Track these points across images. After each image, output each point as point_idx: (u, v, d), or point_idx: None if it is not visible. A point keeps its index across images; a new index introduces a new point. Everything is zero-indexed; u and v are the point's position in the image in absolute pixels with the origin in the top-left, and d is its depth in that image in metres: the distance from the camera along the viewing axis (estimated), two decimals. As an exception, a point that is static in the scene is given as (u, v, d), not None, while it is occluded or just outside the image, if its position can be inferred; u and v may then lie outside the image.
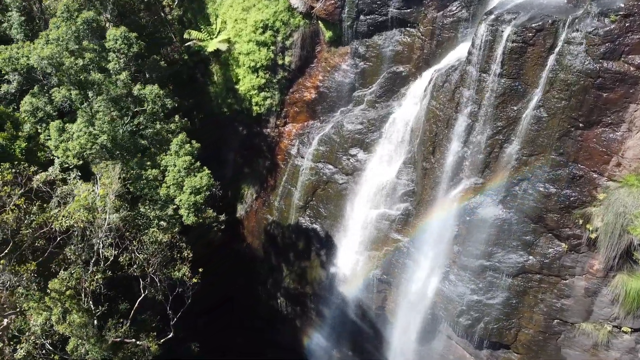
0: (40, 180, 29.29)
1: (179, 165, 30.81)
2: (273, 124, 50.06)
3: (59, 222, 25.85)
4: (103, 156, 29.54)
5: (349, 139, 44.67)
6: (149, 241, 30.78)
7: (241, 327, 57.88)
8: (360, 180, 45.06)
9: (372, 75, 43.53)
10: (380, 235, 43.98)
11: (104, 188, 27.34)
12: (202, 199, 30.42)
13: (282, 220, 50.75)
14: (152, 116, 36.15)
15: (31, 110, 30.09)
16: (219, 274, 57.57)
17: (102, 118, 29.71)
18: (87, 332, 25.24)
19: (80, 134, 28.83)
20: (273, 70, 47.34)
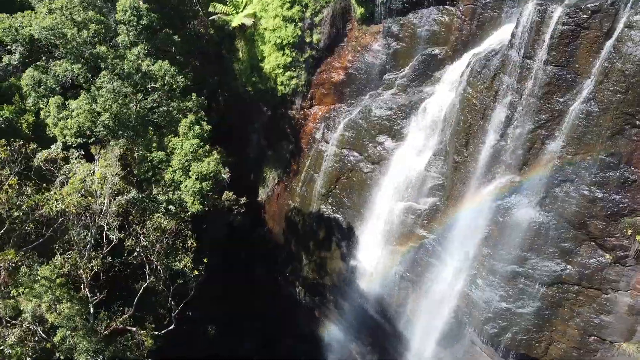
0: (41, 158, 27.74)
1: (186, 148, 28.73)
2: (298, 106, 47.41)
3: (49, 205, 24.28)
4: (105, 136, 27.74)
5: (377, 125, 41.59)
6: (152, 227, 28.99)
7: (260, 312, 56.45)
8: (387, 170, 42.05)
9: (404, 57, 40.09)
10: (404, 230, 41.06)
11: (103, 170, 25.52)
12: (208, 186, 28.30)
13: (303, 207, 48.43)
14: (166, 94, 34.21)
15: (32, 83, 28.49)
16: (239, 257, 56.36)
17: (106, 95, 27.82)
18: (76, 322, 23.74)
19: (80, 111, 27.05)
20: (300, 49, 44.50)
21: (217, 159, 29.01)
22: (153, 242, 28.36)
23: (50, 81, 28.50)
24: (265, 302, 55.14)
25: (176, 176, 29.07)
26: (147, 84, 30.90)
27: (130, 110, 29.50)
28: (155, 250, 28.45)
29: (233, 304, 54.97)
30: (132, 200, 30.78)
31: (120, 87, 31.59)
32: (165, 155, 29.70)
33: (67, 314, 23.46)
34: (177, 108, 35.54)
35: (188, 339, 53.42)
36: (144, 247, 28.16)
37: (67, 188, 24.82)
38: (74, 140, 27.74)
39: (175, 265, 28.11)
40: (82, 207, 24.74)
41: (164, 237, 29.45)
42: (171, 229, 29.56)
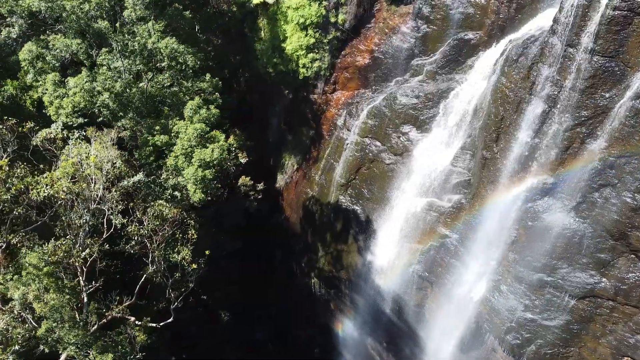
0: (40, 138, 26.37)
1: (190, 133, 26.87)
2: (320, 90, 44.98)
3: (37, 190, 22.88)
4: (106, 117, 26.13)
5: (402, 114, 38.84)
6: (152, 215, 27.41)
7: (274, 301, 55.08)
8: (410, 162, 39.39)
9: (435, 41, 37.04)
10: (425, 228, 38.49)
11: (98, 154, 23.92)
12: (211, 174, 26.43)
13: (321, 196, 46.32)
14: (178, 73, 32.42)
15: (30, 59, 27.04)
16: (257, 243, 54.91)
17: (106, 73, 26.13)
18: (63, 314, 22.44)
19: (76, 90, 25.44)
20: (324, 29, 41.88)
21: (222, 145, 27.02)
22: (152, 231, 26.74)
23: (49, 56, 27.02)
24: (279, 291, 53.74)
25: (179, 162, 27.32)
26: (154, 62, 29.03)
27: (134, 91, 27.75)
28: (155, 240, 26.83)
29: (248, 291, 53.80)
30: (137, 184, 29.33)
31: (129, 65, 29.98)
32: (168, 140, 27.95)
33: (53, 305, 22.16)
34: (190, 89, 33.79)
35: (202, 323, 52.81)
36: (142, 236, 26.60)
37: (57, 172, 23.38)
38: (71, 120, 26.28)
39: (173, 257, 26.48)
40: (74, 192, 23.22)
41: (165, 226, 27.85)
42: (172, 218, 27.87)
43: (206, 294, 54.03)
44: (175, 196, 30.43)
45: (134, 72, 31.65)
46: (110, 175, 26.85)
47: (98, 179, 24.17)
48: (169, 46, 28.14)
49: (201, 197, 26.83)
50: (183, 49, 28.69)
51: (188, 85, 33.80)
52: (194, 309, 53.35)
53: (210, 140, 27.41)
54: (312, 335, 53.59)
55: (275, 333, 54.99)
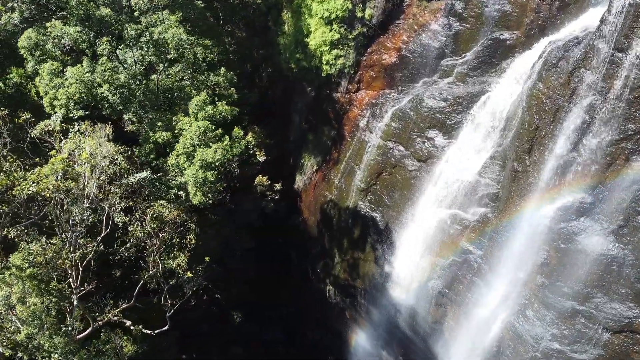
0: (38, 130, 25.03)
1: (192, 131, 25.04)
2: (344, 89, 42.63)
3: (20, 187, 21.46)
4: (105, 111, 24.57)
5: (428, 117, 36.16)
6: (151, 217, 25.76)
7: (285, 303, 53.29)
8: (434, 169, 36.69)
9: (467, 40, 34.20)
10: (448, 241, 35.79)
11: (92, 150, 22.35)
12: (213, 176, 24.54)
13: (340, 200, 44.07)
14: (191, 67, 30.71)
15: (28, 46, 25.70)
16: (272, 244, 53.20)
17: (105, 64, 24.56)
18: (44, 320, 21.02)
19: (72, 81, 23.94)
20: (350, 24, 39.50)
21: (226, 146, 25.07)
22: (149, 234, 25.09)
23: (49, 44, 25.65)
24: (293, 293, 51.91)
25: (180, 161, 25.57)
26: (164, 54, 27.33)
27: (137, 83, 26.10)
28: (152, 243, 25.19)
29: (261, 292, 52.21)
30: (142, 181, 27.78)
31: (141, 56, 28.40)
32: (171, 137, 26.24)
33: (34, 311, 20.72)
34: (205, 83, 32.06)
35: (213, 322, 51.54)
36: (139, 239, 24.98)
37: (45, 168, 21.94)
38: (72, 112, 24.72)
39: (168, 263, 24.74)
40: (62, 191, 21.72)
41: (164, 227, 26.18)
42: (172, 220, 26.16)
43: (220, 293, 52.79)
44: (180, 196, 28.79)
45: (146, 63, 30.14)
46: (109, 172, 25.34)
47: (91, 177, 22.60)
48: (175, 37, 26.33)
49: (201, 200, 25.03)
50: (192, 40, 26.82)
51: (202, 78, 32.06)
52: (207, 308, 52.37)
53: (214, 139, 25.49)
54: (324, 340, 51.62)
55: (287, 335, 53.31)
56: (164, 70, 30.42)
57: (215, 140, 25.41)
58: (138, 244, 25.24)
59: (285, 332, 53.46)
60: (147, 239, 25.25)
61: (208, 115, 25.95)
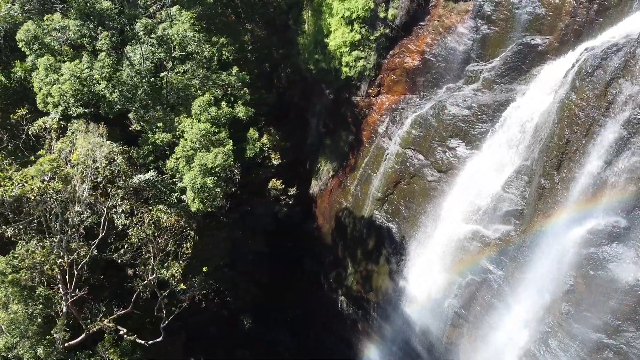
0: (36, 127, 23.97)
1: (193, 134, 23.56)
2: (364, 92, 40.74)
3: (4, 188, 20.30)
4: (103, 109, 23.30)
5: (450, 125, 33.98)
6: (148, 222, 24.41)
7: (301, 308, 51.68)
8: (455, 181, 34.48)
9: (495, 44, 31.93)
10: (466, 259, 33.52)
11: (82, 151, 21.10)
12: (213, 183, 23.01)
13: (355, 209, 42.17)
14: (201, 65, 29.36)
15: (26, 39, 24.64)
16: (285, 250, 51.70)
17: (104, 60, 23.30)
18: (24, 329, 19.82)
19: (66, 77, 22.73)
20: (371, 25, 37.59)
21: (226, 151, 23.47)
22: (144, 240, 23.73)
23: (48, 38, 24.56)
24: (300, 296, 50.22)
25: (180, 165, 24.14)
26: (168, 51, 25.97)
27: (138, 80, 24.75)
28: (146, 250, 23.82)
29: (272, 297, 50.79)
30: (144, 183, 26.50)
31: (151, 53, 27.17)
32: (171, 138, 24.85)
33: (13, 319, 19.54)
34: (215, 82, 30.70)
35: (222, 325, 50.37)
36: (133, 245, 23.66)
37: (32, 169, 20.77)
38: (54, 110, 23.52)
39: (161, 273, 23.31)
40: (48, 193, 20.51)
41: (162, 233, 24.78)
42: (170, 226, 24.74)
43: (230, 296, 51.56)
44: (182, 200, 27.37)
45: (156, 60, 28.92)
46: (106, 174, 24.09)
47: (84, 178, 21.35)
48: (179, 33, 24.92)
49: (200, 208, 23.55)
50: (199, 37, 25.35)
51: (213, 77, 30.68)
52: (217, 311, 51.20)
53: (216, 143, 23.96)
54: (327, 342, 49.90)
55: (292, 337, 51.82)
56: (172, 68, 29.06)
57: (217, 144, 23.88)
58: (133, 250, 23.88)
59: (291, 334, 52.00)
60: (142, 245, 23.87)
61: (211, 117, 24.46)
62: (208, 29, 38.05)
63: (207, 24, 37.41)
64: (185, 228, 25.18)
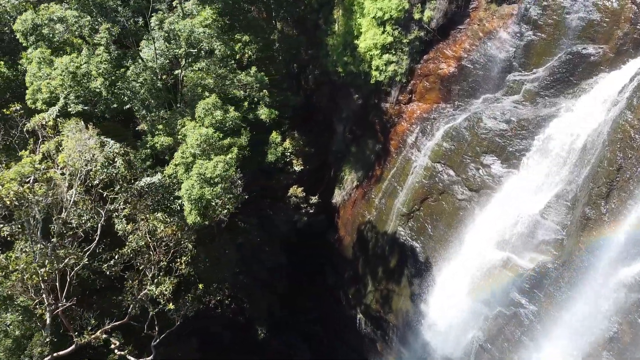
0: (33, 123, 22.44)
1: (192, 139, 21.47)
2: (394, 99, 37.93)
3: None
4: (98, 107, 21.56)
5: (485, 140, 30.86)
6: (143, 231, 22.50)
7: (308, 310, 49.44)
8: (488, 202, 31.32)
9: (541, 53, 28.63)
10: (496, 288, 30.32)
11: (69, 152, 19.31)
12: (211, 194, 20.85)
13: (379, 223, 39.41)
14: (217, 64, 27.41)
15: (23, 30, 23.08)
16: (304, 259, 49.49)
17: (102, 55, 21.52)
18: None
19: (58, 72, 21.01)
20: (405, 27, 34.76)
21: (229, 160, 21.26)
22: (137, 251, 21.83)
23: (46, 29, 22.95)
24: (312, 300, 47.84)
25: (178, 173, 22.12)
26: (173, 47, 24.03)
27: (151, 79, 22.92)
28: (140, 262, 21.91)
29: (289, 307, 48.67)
30: (148, 187, 24.69)
31: (166, 49, 25.39)
32: (172, 142, 22.87)
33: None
34: (233, 82, 28.71)
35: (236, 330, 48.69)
36: (124, 255, 21.80)
37: (10, 171, 19.13)
38: (44, 107, 21.86)
39: (150, 289, 21.31)
40: (27, 198, 18.81)
41: (159, 244, 22.83)
42: (167, 237, 22.77)
43: (248, 302, 49.76)
44: (186, 208, 25.33)
45: (170, 56, 27.12)
46: (102, 177, 22.32)
47: (66, 182, 19.59)
48: (186, 28, 22.90)
49: (196, 220, 21.47)
50: (209, 33, 23.25)
51: (231, 77, 28.70)
52: (233, 317, 49.49)
53: (217, 150, 21.78)
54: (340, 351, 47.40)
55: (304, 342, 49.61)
56: (186, 65, 27.16)
57: (220, 151, 21.72)
58: (124, 261, 22.03)
59: (303, 339, 49.80)
60: (135, 256, 21.98)
61: (216, 121, 22.34)
62: (231, 26, 36.17)
63: (231, 20, 35.51)
64: (183, 240, 23.12)
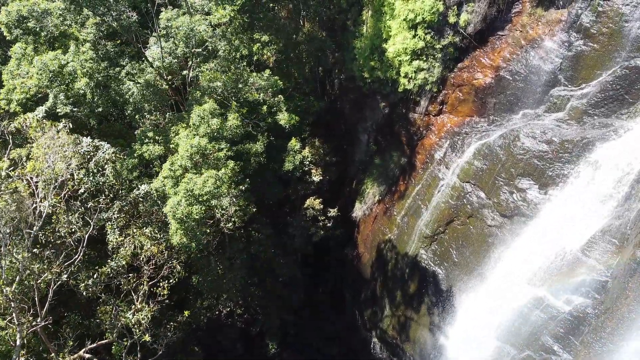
0: (16, 124, 20.54)
1: (183, 150, 19.04)
2: (423, 109, 34.80)
3: None
4: (81, 110, 19.42)
5: (522, 162, 27.41)
6: (128, 248, 20.24)
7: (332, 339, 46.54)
8: (521, 230, 27.86)
9: (592, 66, 25.04)
10: (525, 331, 26.85)
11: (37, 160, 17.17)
12: (199, 214, 18.37)
13: (400, 243, 36.30)
14: (226, 65, 25.05)
15: (6, 22, 21.15)
16: (321, 274, 46.84)
17: (87, 53, 19.36)
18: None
19: (35, 70, 18.90)
20: (438, 31, 31.61)
21: (224, 175, 18.72)
22: (117, 271, 19.57)
23: (32, 22, 20.98)
24: (338, 336, 44.93)
25: (166, 187, 19.74)
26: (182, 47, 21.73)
27: (148, 80, 20.69)
28: (118, 283, 19.67)
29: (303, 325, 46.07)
30: (140, 197, 22.55)
31: (174, 46, 23.23)
32: (163, 152, 20.54)
33: None
34: (246, 84, 26.32)
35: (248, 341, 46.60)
36: (102, 275, 19.58)
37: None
38: (18, 109, 19.84)
39: (126, 318, 18.96)
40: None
41: (147, 262, 20.54)
42: (155, 256, 20.44)
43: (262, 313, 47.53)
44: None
45: (180, 54, 24.93)
46: (87, 185, 20.19)
47: (39, 192, 17.50)
48: (183, 24, 20.53)
49: (181, 242, 19.05)
50: (211, 32, 20.83)
51: (243, 79, 26.31)
52: (245, 327, 47.36)
53: (213, 163, 19.28)
54: None
55: None
56: (194, 66, 24.89)
57: (213, 164, 19.21)
58: (103, 281, 19.82)
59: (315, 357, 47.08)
60: (116, 276, 19.76)
61: (212, 130, 19.85)
62: (251, 24, 33.81)
63: (250, 18, 33.12)
64: (171, 260, 20.75)
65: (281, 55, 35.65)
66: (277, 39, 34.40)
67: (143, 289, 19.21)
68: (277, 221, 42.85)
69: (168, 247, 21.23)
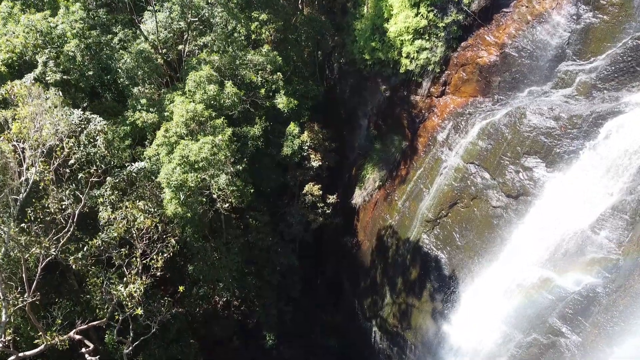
0: (2, 92, 19.59)
1: (178, 116, 18.12)
2: (425, 90, 33.96)
3: None
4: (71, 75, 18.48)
5: (528, 139, 26.61)
6: (120, 218, 19.34)
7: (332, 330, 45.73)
8: (527, 210, 27.05)
9: (601, 38, 24.28)
10: (532, 313, 26.03)
11: (24, 122, 16.22)
12: (194, 181, 17.45)
13: (401, 228, 35.45)
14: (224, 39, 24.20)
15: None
16: (320, 263, 46.01)
17: (78, 13, 18.45)
18: None
19: (21, 28, 17.96)
20: (442, 9, 30.83)
21: (221, 141, 17.83)
22: (108, 243, 18.67)
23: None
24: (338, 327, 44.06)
25: (161, 155, 18.85)
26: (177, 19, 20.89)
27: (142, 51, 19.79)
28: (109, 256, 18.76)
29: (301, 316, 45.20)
30: (134, 173, 21.64)
31: (171, 19, 22.36)
32: (157, 119, 19.64)
33: None
34: (243, 61, 25.46)
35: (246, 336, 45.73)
36: (92, 247, 18.66)
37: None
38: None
39: (118, 290, 18.03)
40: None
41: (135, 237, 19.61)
42: (148, 230, 19.53)
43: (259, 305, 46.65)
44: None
45: (176, 28, 24.08)
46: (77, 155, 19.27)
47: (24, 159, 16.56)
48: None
49: (176, 211, 18.15)
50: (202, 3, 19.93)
51: (240, 55, 25.46)
52: (243, 320, 46.48)
53: (209, 130, 18.39)
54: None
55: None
56: (189, 39, 24.00)
57: (210, 131, 18.32)
58: (93, 254, 18.90)
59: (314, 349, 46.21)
60: (107, 249, 18.84)
61: (209, 96, 18.96)
62: (248, 2, 32.97)
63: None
64: (165, 234, 19.83)
65: (280, 36, 34.76)
66: (275, 19, 33.54)
67: (136, 262, 18.28)
68: (275, 210, 41.98)
69: (163, 222, 20.31)
